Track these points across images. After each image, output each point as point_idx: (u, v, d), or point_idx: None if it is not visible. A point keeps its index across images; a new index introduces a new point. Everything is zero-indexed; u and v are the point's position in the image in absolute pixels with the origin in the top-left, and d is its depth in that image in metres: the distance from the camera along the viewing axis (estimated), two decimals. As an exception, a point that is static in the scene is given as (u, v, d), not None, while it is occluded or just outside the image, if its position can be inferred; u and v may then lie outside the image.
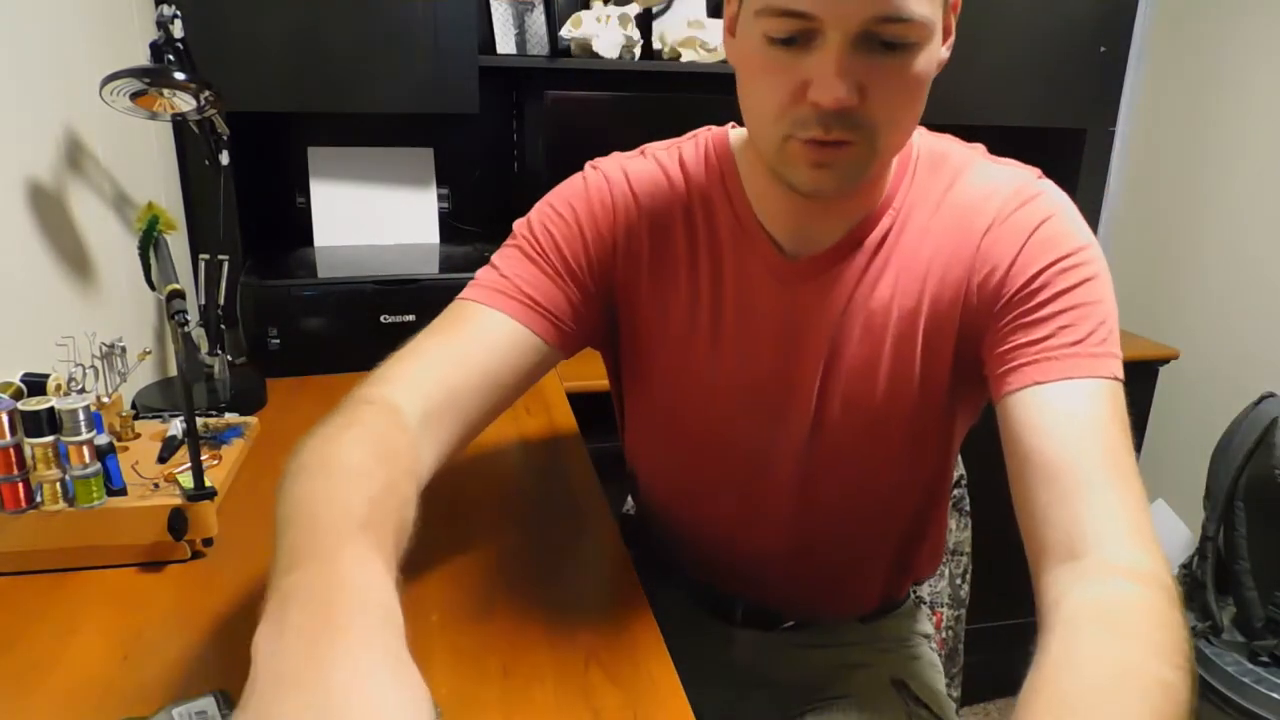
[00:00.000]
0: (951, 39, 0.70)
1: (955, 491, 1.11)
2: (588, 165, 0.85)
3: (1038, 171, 0.78)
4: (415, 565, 0.82)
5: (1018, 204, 0.74)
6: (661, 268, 0.82)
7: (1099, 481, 0.62)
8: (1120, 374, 0.69)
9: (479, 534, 0.90)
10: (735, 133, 0.84)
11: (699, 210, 0.81)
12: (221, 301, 1.25)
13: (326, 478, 0.58)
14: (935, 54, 0.66)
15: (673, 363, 0.84)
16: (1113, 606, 0.56)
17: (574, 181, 0.84)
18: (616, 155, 0.86)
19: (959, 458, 1.10)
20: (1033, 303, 0.70)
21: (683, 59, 1.72)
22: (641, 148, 0.86)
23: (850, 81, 0.62)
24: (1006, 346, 0.71)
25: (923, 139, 0.80)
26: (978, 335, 0.75)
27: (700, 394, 0.84)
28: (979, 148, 0.81)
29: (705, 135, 0.85)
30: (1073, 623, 0.56)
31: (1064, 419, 0.66)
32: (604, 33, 1.65)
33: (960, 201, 0.76)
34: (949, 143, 0.81)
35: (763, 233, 0.79)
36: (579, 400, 1.26)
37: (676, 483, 0.94)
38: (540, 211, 0.83)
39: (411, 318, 1.47)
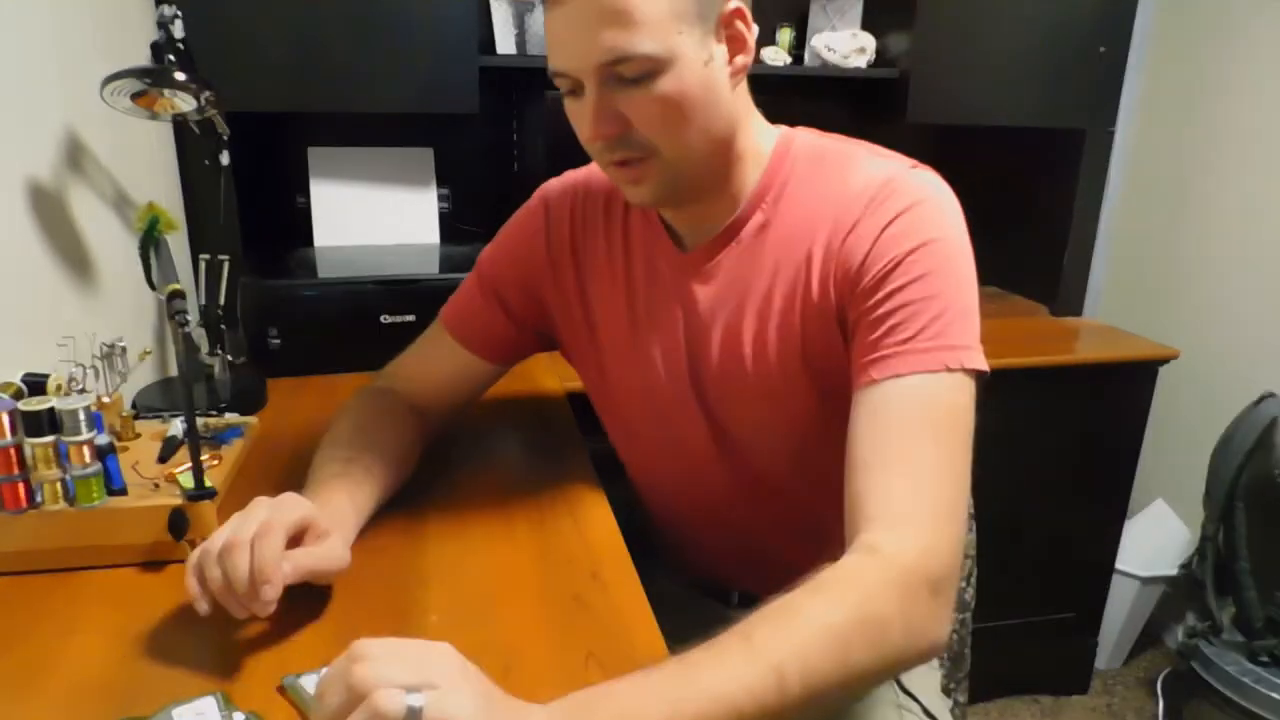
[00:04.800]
0: (748, 45, 0.76)
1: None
2: (536, 190, 0.98)
3: (912, 162, 0.81)
4: (415, 565, 0.83)
5: (883, 198, 0.77)
6: (589, 267, 0.94)
7: (888, 472, 0.70)
8: (957, 360, 0.72)
9: (479, 534, 0.90)
10: None
11: (617, 210, 0.93)
12: (222, 301, 1.25)
13: (324, 447, 0.90)
14: (690, 73, 0.73)
15: (607, 354, 0.93)
16: (829, 574, 0.65)
17: (518, 212, 0.99)
18: (568, 172, 0.97)
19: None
20: (872, 300, 0.75)
21: (683, 59, 1.72)
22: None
23: (607, 115, 0.74)
24: (854, 345, 0.77)
25: (801, 137, 0.85)
26: (845, 324, 0.79)
27: (631, 380, 0.93)
28: (862, 144, 0.84)
29: None
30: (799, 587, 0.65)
31: (880, 416, 0.72)
32: (604, 33, 1.65)
33: (837, 195, 0.80)
34: (830, 140, 0.85)
35: (664, 229, 0.89)
36: (579, 400, 1.26)
37: (641, 475, 1.02)
38: (492, 241, 1.00)
39: (411, 318, 1.47)
